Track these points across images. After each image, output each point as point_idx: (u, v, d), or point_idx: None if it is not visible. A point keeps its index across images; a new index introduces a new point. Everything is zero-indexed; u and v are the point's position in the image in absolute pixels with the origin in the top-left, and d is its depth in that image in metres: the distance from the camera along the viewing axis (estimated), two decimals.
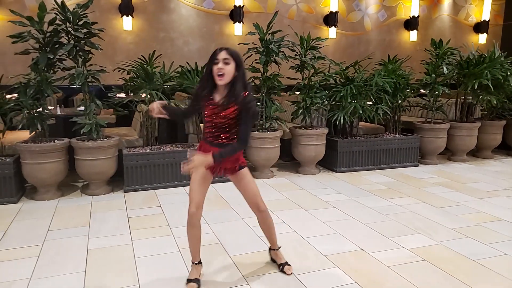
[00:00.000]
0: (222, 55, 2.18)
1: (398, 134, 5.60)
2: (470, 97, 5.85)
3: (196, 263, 2.51)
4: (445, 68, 5.41)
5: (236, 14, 8.33)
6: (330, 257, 2.86)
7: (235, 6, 8.32)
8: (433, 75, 5.48)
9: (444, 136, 5.66)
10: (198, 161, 2.19)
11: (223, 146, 2.29)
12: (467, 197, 4.24)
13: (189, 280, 2.47)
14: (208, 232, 3.27)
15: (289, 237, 3.19)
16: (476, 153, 6.26)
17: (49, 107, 5.09)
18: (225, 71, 2.17)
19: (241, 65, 2.25)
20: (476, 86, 5.32)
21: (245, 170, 2.46)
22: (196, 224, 2.40)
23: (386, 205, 3.97)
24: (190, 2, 8.24)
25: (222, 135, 2.30)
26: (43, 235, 3.21)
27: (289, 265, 2.67)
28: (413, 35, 9.80)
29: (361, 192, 4.40)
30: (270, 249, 2.76)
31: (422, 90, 5.80)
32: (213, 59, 2.20)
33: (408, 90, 5.55)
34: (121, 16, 7.79)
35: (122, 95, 5.81)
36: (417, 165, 5.56)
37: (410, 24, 9.70)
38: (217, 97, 2.27)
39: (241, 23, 8.36)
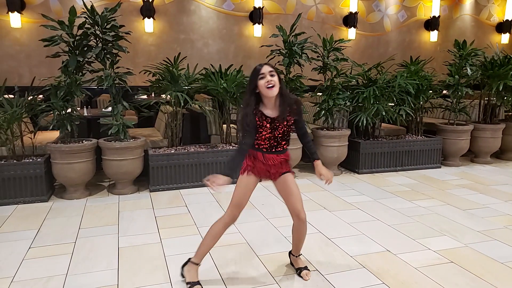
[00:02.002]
0: (266, 68, 2.26)
1: (420, 136, 5.57)
2: (494, 99, 5.78)
3: (198, 264, 2.50)
4: (469, 70, 5.36)
5: (256, 16, 8.40)
6: (356, 257, 2.89)
7: (254, 7, 8.38)
8: (456, 77, 5.44)
9: (467, 137, 5.61)
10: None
11: (281, 152, 2.41)
12: (493, 200, 4.20)
13: (191, 284, 2.44)
14: (235, 232, 3.32)
15: (314, 238, 3.22)
16: (500, 155, 6.18)
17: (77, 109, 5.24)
18: (274, 82, 2.24)
19: (280, 77, 2.33)
20: (501, 88, 5.26)
21: (290, 175, 2.47)
22: (221, 235, 2.44)
23: (410, 207, 3.96)
24: (210, 4, 8.33)
25: (282, 143, 2.40)
26: (75, 233, 3.31)
27: (308, 270, 2.65)
28: (433, 36, 9.72)
29: (384, 193, 4.40)
30: (290, 253, 2.75)
31: (445, 91, 5.75)
32: (257, 75, 2.26)
33: (431, 91, 5.51)
34: (143, 18, 7.93)
35: (144, 96, 5.93)
36: (440, 167, 5.52)
37: (431, 24, 9.62)
38: (269, 112, 2.32)
39: (261, 24, 8.42)
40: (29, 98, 4.05)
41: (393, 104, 5.26)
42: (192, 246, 3.02)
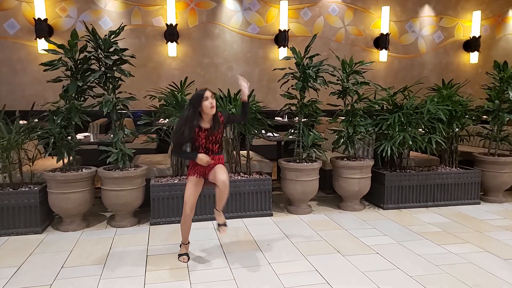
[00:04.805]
0: (208, 93, 2.97)
1: (455, 167, 4.96)
2: None
3: (186, 244, 3.31)
4: (511, 94, 4.76)
5: (281, 39, 8.14)
6: None
7: (280, 30, 8.14)
8: (497, 101, 4.84)
9: (511, 170, 4.93)
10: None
11: (214, 154, 3.08)
12: None
13: (180, 255, 3.27)
14: (229, 279, 2.91)
15: None
16: None
17: (85, 134, 5.09)
18: (214, 104, 2.98)
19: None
20: None
21: (220, 165, 3.10)
22: (189, 221, 3.19)
23: (439, 253, 3.40)
24: (234, 28, 8.17)
25: (215, 147, 3.09)
26: (56, 272, 3.02)
27: (226, 226, 3.13)
28: (473, 57, 9.05)
29: (410, 234, 3.85)
30: (214, 208, 3.15)
31: (485, 117, 5.14)
32: (201, 98, 2.95)
33: (467, 117, 4.93)
34: (166, 43, 7.86)
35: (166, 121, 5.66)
36: (479, 203, 4.87)
37: (470, 45, 8.99)
38: (206, 124, 3.04)
39: (286, 47, 8.13)
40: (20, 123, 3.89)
41: (423, 132, 4.73)
42: None
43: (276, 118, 6.50)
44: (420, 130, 4.75)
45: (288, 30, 8.17)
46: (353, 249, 3.48)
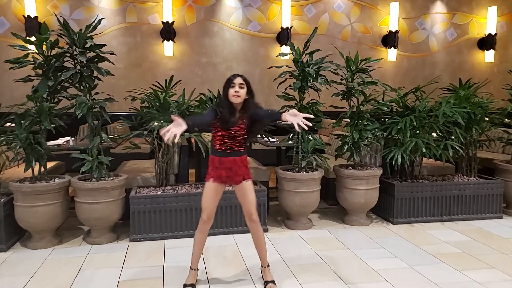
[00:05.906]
0: (238, 80, 2.60)
1: (474, 177, 4.45)
2: None
3: (194, 269, 2.78)
4: None
5: (283, 37, 7.70)
6: None
7: (282, 28, 7.69)
8: None
9: None
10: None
11: (235, 154, 2.64)
12: None
13: (185, 285, 2.73)
14: None
15: None
16: None
17: (66, 138, 4.68)
18: (240, 93, 2.59)
19: (251, 90, 2.66)
20: None
21: (249, 182, 2.70)
22: (205, 232, 2.75)
23: (459, 281, 2.90)
24: (234, 25, 7.74)
25: (236, 144, 2.64)
26: None
27: (275, 284, 2.74)
28: (489, 56, 8.51)
29: (424, 256, 3.35)
30: (261, 266, 2.82)
31: (507, 120, 4.63)
32: (228, 83, 2.61)
33: (487, 120, 4.43)
34: (162, 41, 7.45)
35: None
36: (501, 218, 4.35)
37: (486, 43, 8.45)
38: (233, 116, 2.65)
39: (289, 46, 7.66)
40: None
41: (438, 137, 4.23)
42: None
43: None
44: (434, 135, 4.26)
45: (291, 27, 7.73)
46: (358, 275, 2.99)
